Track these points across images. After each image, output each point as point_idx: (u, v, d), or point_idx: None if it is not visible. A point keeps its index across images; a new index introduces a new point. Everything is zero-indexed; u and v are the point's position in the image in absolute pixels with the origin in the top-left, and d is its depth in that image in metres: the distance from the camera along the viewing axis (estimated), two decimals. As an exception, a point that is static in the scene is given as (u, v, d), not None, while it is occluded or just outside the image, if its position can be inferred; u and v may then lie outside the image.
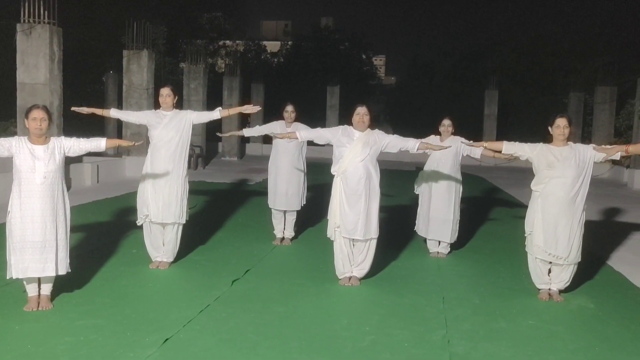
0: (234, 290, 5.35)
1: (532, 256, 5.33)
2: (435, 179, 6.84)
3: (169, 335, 4.14)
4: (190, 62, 18.24)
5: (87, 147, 4.83)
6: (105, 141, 4.93)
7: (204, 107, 18.34)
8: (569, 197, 5.11)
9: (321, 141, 5.78)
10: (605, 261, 6.82)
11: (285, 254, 6.94)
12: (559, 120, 5.18)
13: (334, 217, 5.55)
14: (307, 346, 4.09)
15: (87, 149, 4.84)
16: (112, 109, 6.23)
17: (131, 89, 14.01)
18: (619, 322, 4.80)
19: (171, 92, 5.95)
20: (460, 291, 5.61)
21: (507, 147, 5.42)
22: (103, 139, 4.93)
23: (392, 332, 4.41)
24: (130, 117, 6.23)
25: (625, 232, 8.69)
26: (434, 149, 5.77)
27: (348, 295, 5.38)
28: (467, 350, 4.10)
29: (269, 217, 7.49)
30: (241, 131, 7.58)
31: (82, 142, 4.80)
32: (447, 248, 6.95)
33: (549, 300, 5.28)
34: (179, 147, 5.89)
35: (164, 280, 5.67)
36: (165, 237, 5.95)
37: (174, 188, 5.84)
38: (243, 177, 14.53)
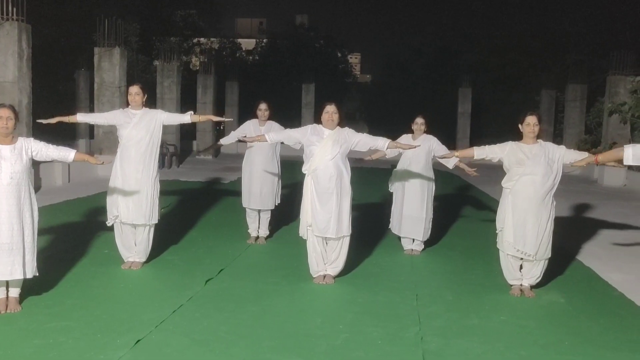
0: (207, 290, 5.30)
1: (504, 253, 5.39)
2: (408, 177, 6.87)
3: (141, 337, 4.09)
4: (163, 60, 18.04)
5: (55, 155, 4.71)
6: (74, 154, 4.76)
7: (177, 105, 18.19)
8: (539, 194, 5.18)
9: (291, 142, 5.77)
10: (575, 256, 6.93)
11: (260, 253, 6.91)
12: (529, 118, 5.25)
13: (305, 215, 5.54)
14: (280, 345, 4.07)
15: (54, 157, 4.72)
16: (78, 114, 6.09)
17: (103, 87, 13.81)
18: (589, 316, 4.88)
19: (140, 90, 5.86)
20: (433, 288, 5.65)
21: (478, 153, 5.46)
22: (72, 152, 4.77)
23: (365, 329, 4.43)
24: (98, 119, 6.11)
25: (595, 228, 8.84)
26: (404, 148, 5.80)
27: (322, 293, 5.38)
28: (440, 347, 4.13)
29: (243, 216, 7.45)
30: (219, 142, 7.51)
31: (51, 149, 4.68)
32: (420, 245, 6.99)
33: (520, 296, 5.35)
34: (149, 147, 5.81)
35: (136, 280, 5.60)
36: (137, 237, 5.87)
37: (145, 188, 5.76)
38: (217, 176, 14.43)
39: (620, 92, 15.73)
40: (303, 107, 23.82)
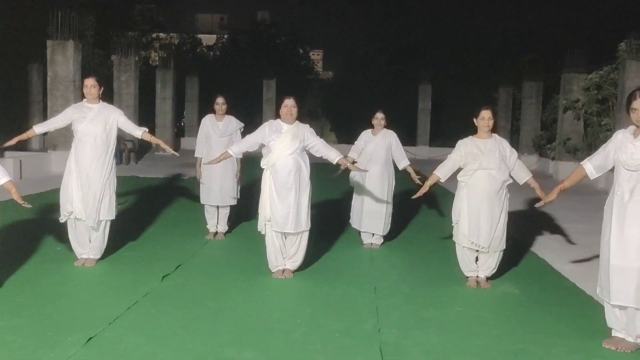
0: (164, 286, 5.22)
1: (459, 245, 5.47)
2: (369, 172, 6.89)
3: (93, 334, 3.99)
4: (121, 55, 17.67)
5: None
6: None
7: (135, 100, 17.85)
8: (493, 188, 5.27)
9: (254, 147, 5.67)
10: (529, 248, 7.08)
11: (219, 249, 6.84)
12: (483, 112, 5.33)
13: (264, 210, 5.51)
14: (237, 340, 4.04)
15: None
16: (35, 127, 5.81)
17: (56, 81, 13.43)
18: (542, 306, 4.99)
19: (96, 82, 5.72)
20: (392, 281, 5.69)
21: (444, 174, 5.46)
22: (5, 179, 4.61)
23: (324, 323, 4.42)
24: (55, 124, 5.85)
25: (549, 221, 9.06)
26: (351, 169, 5.79)
27: (281, 288, 5.36)
28: (397, 339, 4.16)
29: (202, 211, 7.36)
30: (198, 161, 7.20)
31: None
32: (380, 239, 7.04)
33: (476, 288, 5.43)
34: (105, 142, 5.68)
35: (90, 277, 5.47)
36: (92, 233, 5.73)
37: (100, 184, 5.63)
38: (177, 172, 14.24)
39: (574, 89, 16.13)
40: (264, 103, 23.71)
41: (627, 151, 4.04)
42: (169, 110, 20.36)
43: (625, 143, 4.09)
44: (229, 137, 7.11)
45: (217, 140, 7.07)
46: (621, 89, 13.43)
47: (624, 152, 4.06)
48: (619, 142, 4.14)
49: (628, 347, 4.02)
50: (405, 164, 6.96)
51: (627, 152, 4.03)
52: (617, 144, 4.15)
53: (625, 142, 4.09)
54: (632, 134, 4.09)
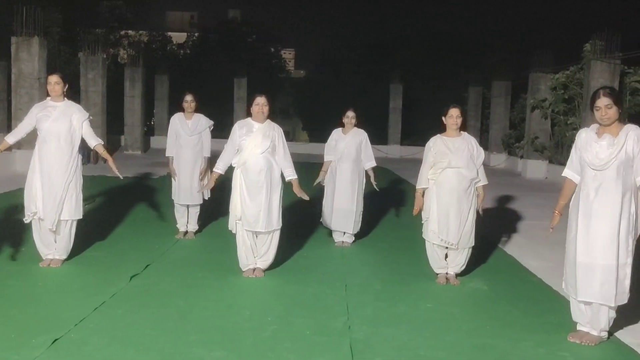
0: (132, 286, 5.15)
1: (429, 242, 5.51)
2: (339, 171, 6.91)
3: (59, 336, 3.91)
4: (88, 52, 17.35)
5: None
6: None
7: (103, 98, 17.53)
8: (461, 186, 5.32)
9: (234, 153, 5.54)
10: (498, 245, 7.18)
11: (188, 248, 6.77)
12: (452, 110, 5.38)
13: (234, 209, 5.47)
14: (207, 339, 4.00)
15: None
16: (6, 138, 5.64)
17: (21, 79, 13.12)
18: (509, 302, 5.06)
19: (60, 79, 5.60)
20: (363, 278, 5.71)
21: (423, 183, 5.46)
22: None
23: (294, 321, 4.41)
24: (26, 128, 5.64)
25: (518, 218, 9.22)
26: (296, 192, 5.59)
27: (251, 287, 5.34)
28: (367, 335, 4.18)
29: (172, 211, 7.27)
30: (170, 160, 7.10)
31: None
32: (351, 238, 7.05)
33: (446, 284, 5.48)
34: (70, 142, 5.56)
35: (56, 278, 5.36)
36: (57, 233, 5.61)
37: (63, 185, 5.51)
38: (146, 171, 14.06)
39: (541, 88, 16.41)
40: (235, 102, 23.55)
41: (592, 151, 4.10)
42: (138, 109, 20.08)
43: (589, 142, 4.15)
44: (198, 135, 7.04)
45: (186, 138, 7.00)
46: (586, 89, 13.72)
47: (588, 151, 4.12)
48: (583, 142, 4.20)
49: (592, 340, 4.10)
50: (370, 166, 7.01)
51: (592, 152, 4.10)
52: (582, 143, 4.21)
53: (590, 141, 4.15)
54: (596, 133, 4.15)
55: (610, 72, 13.34)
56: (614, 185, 4.01)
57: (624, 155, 4.00)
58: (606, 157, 4.02)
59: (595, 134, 4.15)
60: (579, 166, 4.23)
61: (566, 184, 4.36)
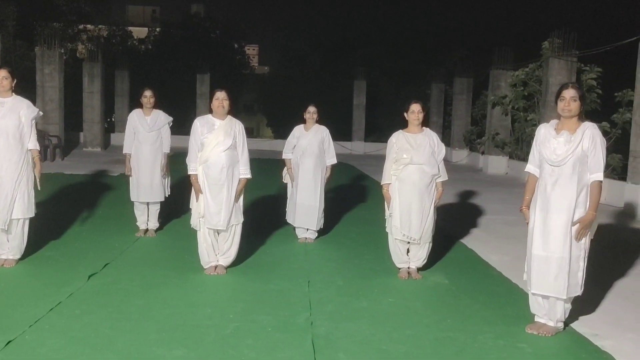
0: (90, 285, 5.03)
1: (392, 237, 5.54)
2: (302, 167, 6.90)
3: (12, 337, 3.80)
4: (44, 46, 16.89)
5: None
6: None
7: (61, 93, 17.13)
8: (423, 182, 5.36)
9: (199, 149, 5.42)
10: (459, 239, 7.27)
11: (149, 246, 6.67)
12: (413, 105, 5.41)
13: (197, 206, 5.40)
14: (167, 337, 3.94)
15: None
16: None
17: (-26, 73, 12.68)
18: (470, 295, 5.13)
19: (8, 74, 5.41)
20: (325, 274, 5.71)
21: (387, 177, 5.47)
22: None
23: (256, 318, 4.38)
24: None
25: (479, 213, 9.36)
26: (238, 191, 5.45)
27: (213, 284, 5.28)
28: (329, 331, 4.17)
29: (131, 209, 7.14)
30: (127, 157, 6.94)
31: None
32: (314, 234, 7.05)
33: (408, 279, 5.53)
34: (19, 139, 5.39)
35: (9, 278, 5.20)
36: (9, 232, 5.44)
37: (13, 183, 5.36)
38: (105, 168, 13.79)
39: (502, 85, 16.69)
40: (198, 98, 23.28)
41: (550, 146, 4.18)
42: (97, 105, 19.65)
43: (548, 138, 4.22)
44: (157, 131, 6.93)
45: (145, 135, 6.88)
46: (545, 86, 14.02)
47: (547, 147, 4.20)
48: (542, 138, 4.28)
49: (549, 331, 4.19)
50: (331, 163, 7.02)
51: (550, 148, 4.17)
52: (540, 139, 4.29)
53: (548, 137, 4.23)
54: (555, 129, 4.23)
55: (567, 70, 13.65)
56: (570, 180, 4.09)
57: (580, 152, 4.08)
58: (563, 154, 4.10)
59: (554, 130, 4.22)
60: (540, 161, 4.30)
61: (529, 179, 4.44)
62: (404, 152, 5.37)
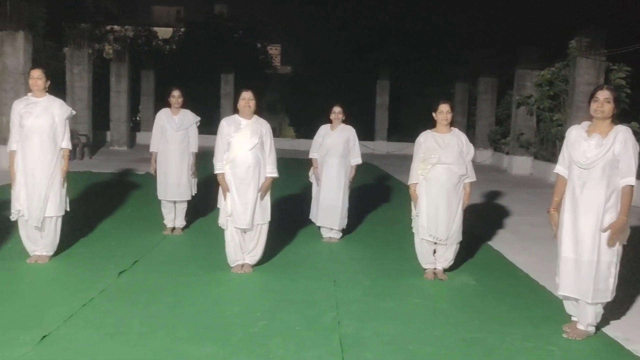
0: (120, 282, 5.12)
1: (418, 237, 5.54)
2: (326, 166, 6.93)
3: (47, 332, 3.89)
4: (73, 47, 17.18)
5: None
6: None
7: (89, 93, 17.41)
8: (451, 182, 5.35)
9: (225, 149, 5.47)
10: (485, 241, 7.23)
11: (176, 244, 6.75)
12: (442, 106, 5.40)
13: (224, 206, 5.46)
14: (196, 335, 4.00)
15: None
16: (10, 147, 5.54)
17: (5, 74, 12.97)
18: (496, 296, 5.11)
19: (42, 74, 5.52)
20: (351, 274, 5.73)
21: (414, 177, 5.45)
22: None
23: (283, 316, 4.42)
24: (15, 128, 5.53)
25: (504, 214, 9.29)
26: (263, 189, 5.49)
27: (240, 282, 5.33)
28: (356, 330, 4.20)
29: (158, 207, 7.24)
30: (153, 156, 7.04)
31: None
32: (338, 233, 7.07)
33: (434, 279, 5.52)
34: (53, 138, 5.50)
35: (44, 274, 5.32)
36: (42, 230, 5.56)
37: (47, 182, 5.46)
38: (131, 167, 13.98)
39: (527, 85, 16.52)
40: (222, 97, 23.46)
41: (580, 149, 4.13)
42: (124, 104, 19.93)
43: (579, 140, 4.18)
44: (184, 131, 7.01)
45: (172, 134, 6.97)
46: (572, 85, 13.84)
47: (577, 149, 4.15)
48: (573, 140, 4.24)
49: (579, 334, 4.16)
50: (355, 163, 7.03)
51: (580, 150, 4.13)
52: (571, 141, 4.25)
53: (579, 139, 4.18)
54: (586, 131, 4.18)
55: (595, 69, 13.45)
56: (599, 183, 4.04)
57: (610, 156, 4.03)
58: (593, 157, 4.06)
59: (585, 132, 4.18)
60: (568, 162, 4.26)
61: (558, 181, 4.40)
62: (431, 151, 5.36)
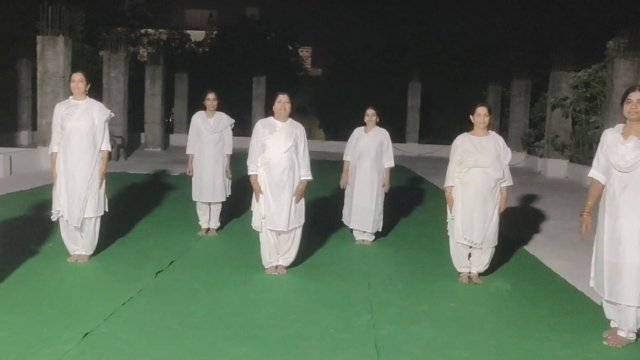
0: (158, 281, 5.22)
1: (453, 240, 5.50)
2: (359, 169, 6.93)
3: (89, 330, 3.99)
4: (110, 50, 17.54)
5: None
6: None
7: (125, 96, 17.74)
8: (487, 185, 5.30)
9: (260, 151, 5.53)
10: (521, 245, 7.14)
11: (211, 245, 6.84)
12: (479, 108, 5.37)
13: (258, 208, 5.50)
14: (233, 335, 4.05)
15: None
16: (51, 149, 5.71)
17: (46, 77, 13.31)
18: (533, 302, 5.05)
19: (83, 77, 5.66)
20: (385, 276, 5.72)
21: (451, 180, 5.43)
22: None
23: (318, 318, 4.45)
24: (56, 129, 5.69)
25: (539, 218, 9.15)
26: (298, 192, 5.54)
27: (274, 283, 5.38)
28: (392, 333, 4.19)
29: (193, 208, 7.34)
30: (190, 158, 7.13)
31: None
32: (371, 236, 7.06)
33: (469, 283, 5.48)
34: (92, 139, 5.63)
35: (84, 273, 5.45)
36: (82, 229, 5.70)
37: (87, 183, 5.58)
38: (166, 168, 14.19)
39: (562, 87, 16.25)
40: (254, 100, 23.63)
41: (618, 152, 4.06)
42: (158, 107, 20.24)
43: (615, 144, 4.11)
44: (219, 133, 7.10)
45: (208, 136, 7.06)
46: (610, 87, 13.57)
47: (614, 153, 4.08)
48: (609, 143, 4.16)
49: (620, 342, 4.07)
50: (389, 165, 7.01)
51: (618, 154, 4.06)
52: (607, 144, 4.18)
53: (616, 142, 4.11)
54: (622, 134, 4.11)
55: (634, 70, 13.16)
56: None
57: None
58: (632, 159, 3.99)
59: (621, 135, 4.11)
60: (605, 167, 4.20)
61: (593, 185, 4.33)
62: (468, 154, 5.33)
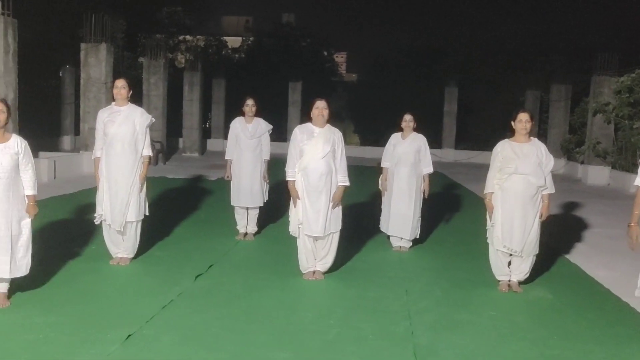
0: (197, 285, 5.29)
1: (493, 248, 5.43)
2: (397, 175, 6.90)
3: (132, 332, 4.07)
4: (149, 57, 17.91)
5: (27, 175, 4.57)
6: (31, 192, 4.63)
7: (164, 101, 18.05)
8: (527, 193, 5.22)
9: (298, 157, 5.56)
10: (562, 253, 7.00)
11: (249, 249, 6.90)
12: (521, 115, 5.30)
13: (296, 213, 5.53)
14: (273, 340, 4.07)
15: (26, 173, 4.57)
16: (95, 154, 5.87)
17: (89, 83, 13.68)
18: (576, 312, 4.94)
19: (126, 84, 5.79)
20: (422, 284, 5.68)
21: (490, 186, 5.37)
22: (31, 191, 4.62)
23: (357, 325, 4.44)
24: (99, 135, 5.84)
25: (581, 226, 8.96)
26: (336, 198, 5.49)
27: (312, 289, 5.39)
28: (430, 341, 4.16)
29: (231, 212, 7.43)
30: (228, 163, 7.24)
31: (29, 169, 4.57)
32: (409, 243, 7.02)
33: (508, 292, 5.40)
34: (134, 145, 5.75)
35: (125, 276, 5.57)
36: (124, 234, 5.82)
37: (129, 188, 5.69)
38: (203, 173, 14.38)
39: (604, 92, 15.88)
40: (290, 106, 23.76)
41: None
42: (196, 112, 20.53)
43: None
44: (258, 139, 7.17)
45: (246, 142, 7.14)
46: (654, 93, 13.20)
47: None
48: None
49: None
50: (427, 172, 6.96)
51: None
52: None
53: None
54: None
55: (679, 75, 12.79)
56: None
57: None
58: None
59: None
60: None
61: (638, 194, 4.23)
62: (509, 161, 5.26)
